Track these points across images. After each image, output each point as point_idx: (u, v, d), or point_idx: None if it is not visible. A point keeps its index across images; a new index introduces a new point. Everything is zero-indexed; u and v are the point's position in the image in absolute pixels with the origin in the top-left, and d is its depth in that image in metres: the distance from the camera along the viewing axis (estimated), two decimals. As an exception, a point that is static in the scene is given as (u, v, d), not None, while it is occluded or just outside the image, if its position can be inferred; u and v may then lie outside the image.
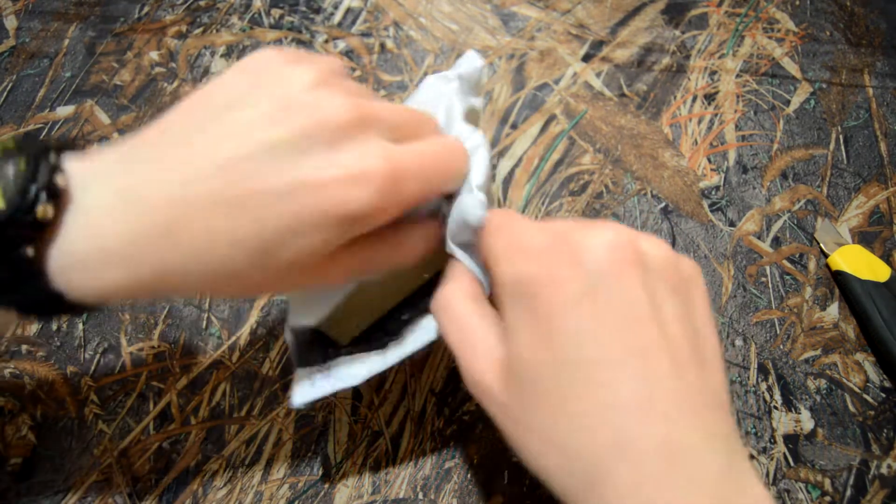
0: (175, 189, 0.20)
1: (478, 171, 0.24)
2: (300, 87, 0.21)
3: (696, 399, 0.20)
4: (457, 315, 0.23)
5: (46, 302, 0.20)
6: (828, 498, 0.33)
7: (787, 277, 0.39)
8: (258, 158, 0.20)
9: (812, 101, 0.44)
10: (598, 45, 0.44)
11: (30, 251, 0.19)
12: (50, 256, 0.19)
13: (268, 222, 0.20)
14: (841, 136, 0.43)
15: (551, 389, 0.20)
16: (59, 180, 0.20)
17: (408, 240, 0.25)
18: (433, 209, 0.26)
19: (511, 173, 0.41)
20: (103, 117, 0.41)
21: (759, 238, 0.40)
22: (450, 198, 0.25)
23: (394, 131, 0.22)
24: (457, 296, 0.24)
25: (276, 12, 0.46)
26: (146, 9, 0.45)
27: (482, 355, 0.22)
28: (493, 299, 0.24)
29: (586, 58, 0.44)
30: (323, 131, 0.20)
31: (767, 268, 0.39)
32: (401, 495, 0.33)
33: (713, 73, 0.44)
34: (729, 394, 0.24)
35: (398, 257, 0.25)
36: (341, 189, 0.20)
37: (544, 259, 0.21)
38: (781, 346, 0.37)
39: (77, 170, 0.20)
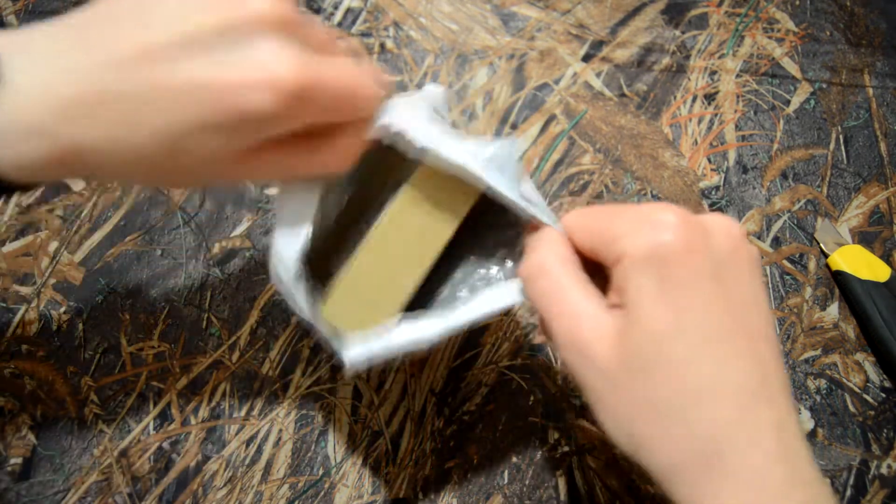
0: (97, 71, 0.20)
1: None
2: None
3: (786, 386, 0.22)
4: (555, 281, 0.23)
5: None
6: (828, 498, 0.33)
7: (787, 277, 0.39)
8: (176, 47, 0.20)
9: (812, 101, 0.44)
10: (598, 45, 0.44)
11: None
12: None
13: (176, 116, 0.20)
14: (841, 136, 0.43)
15: (675, 360, 0.20)
16: None
17: (331, 148, 0.24)
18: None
19: (511, 173, 0.41)
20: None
21: (759, 238, 0.40)
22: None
23: (316, 43, 0.22)
24: (554, 261, 0.23)
25: (276, 12, 0.46)
26: (146, 9, 0.45)
27: (587, 324, 0.22)
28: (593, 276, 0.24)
29: (586, 58, 0.44)
30: (243, 24, 0.20)
31: (767, 268, 0.39)
32: (401, 495, 0.33)
33: (713, 73, 0.44)
34: None
35: (319, 165, 0.24)
36: (247, 92, 0.20)
37: (680, 232, 0.21)
38: (781, 346, 0.37)
39: (1, 44, 0.20)
